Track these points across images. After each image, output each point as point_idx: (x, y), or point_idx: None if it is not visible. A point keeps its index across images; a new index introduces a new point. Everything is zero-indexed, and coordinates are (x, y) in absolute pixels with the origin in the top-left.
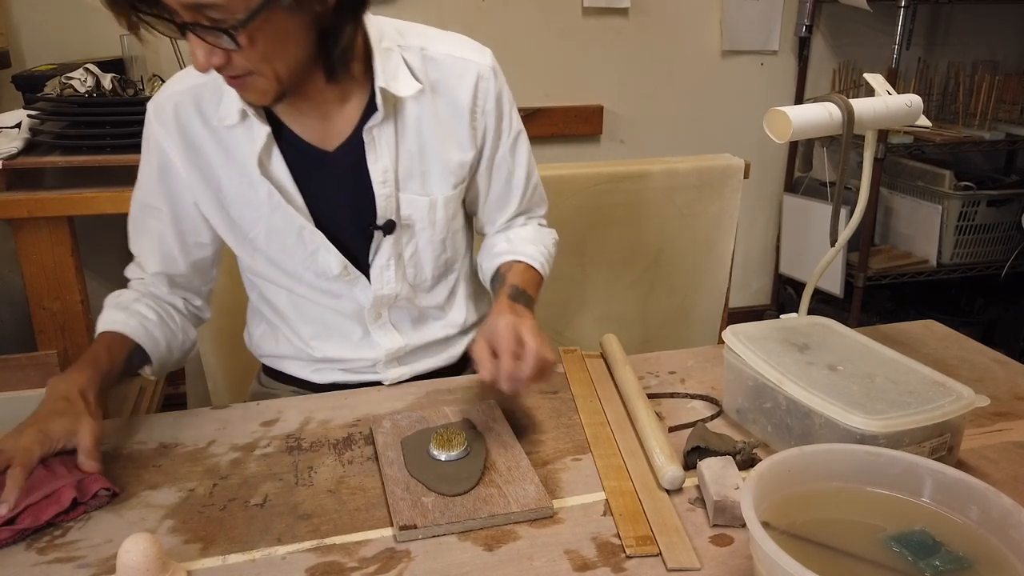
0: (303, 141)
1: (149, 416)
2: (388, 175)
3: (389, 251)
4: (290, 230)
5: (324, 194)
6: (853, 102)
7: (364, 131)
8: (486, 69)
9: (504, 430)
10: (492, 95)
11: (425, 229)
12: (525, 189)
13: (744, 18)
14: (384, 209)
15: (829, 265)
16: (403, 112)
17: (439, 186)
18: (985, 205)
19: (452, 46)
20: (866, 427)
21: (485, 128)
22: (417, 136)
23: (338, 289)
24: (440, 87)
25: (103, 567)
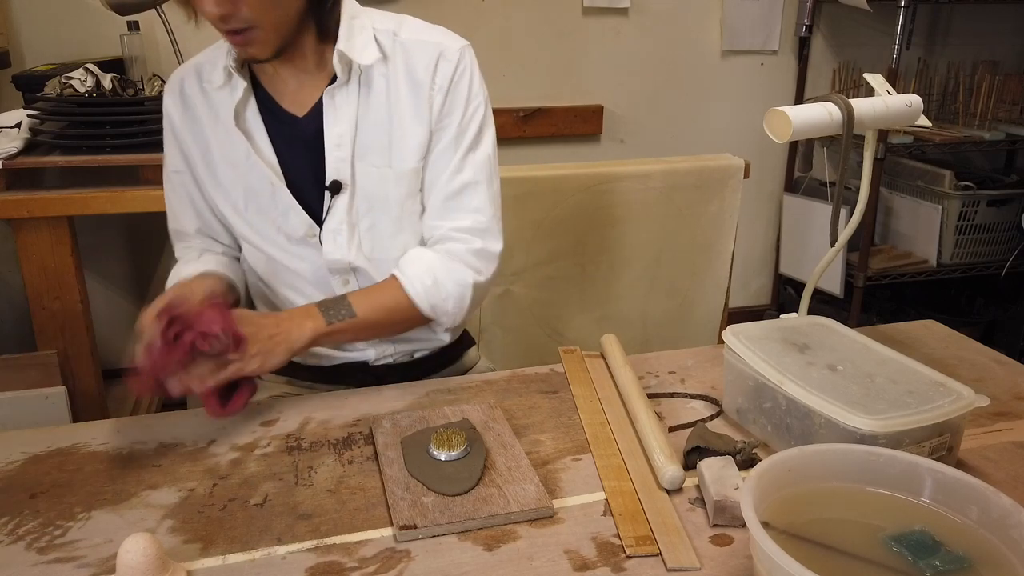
0: (278, 105)
1: (149, 416)
2: (343, 139)
3: (342, 216)
4: (263, 188)
5: (292, 156)
6: (853, 102)
7: (324, 93)
8: (451, 51)
9: (504, 430)
10: (448, 74)
11: (381, 202)
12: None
13: (744, 18)
14: (334, 171)
15: (829, 265)
16: (370, 83)
17: (398, 160)
18: (985, 205)
19: (426, 32)
20: (866, 427)
21: (440, 107)
22: (384, 108)
23: (305, 253)
24: (406, 65)
25: (103, 567)
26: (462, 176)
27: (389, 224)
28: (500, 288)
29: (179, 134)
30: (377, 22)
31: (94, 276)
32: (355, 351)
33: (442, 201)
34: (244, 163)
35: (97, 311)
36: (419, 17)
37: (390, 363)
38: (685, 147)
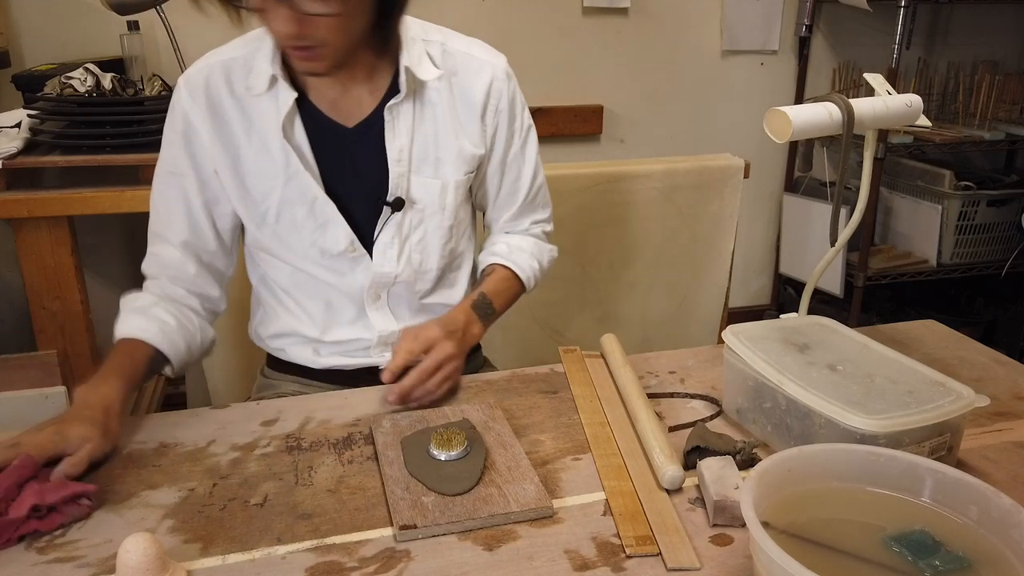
0: (324, 115)
1: (149, 416)
2: (403, 155)
3: (394, 230)
4: (303, 201)
5: (339, 168)
6: (853, 102)
7: (386, 109)
8: (500, 71)
9: (504, 430)
10: (505, 97)
11: (435, 214)
12: (530, 188)
13: (744, 18)
14: (395, 187)
15: (829, 265)
16: (423, 97)
17: (451, 171)
18: (985, 205)
19: (470, 46)
20: (866, 427)
21: (496, 128)
22: (433, 122)
23: (341, 266)
24: (457, 80)
25: (103, 567)
26: (536, 180)
27: (441, 234)
28: None
29: (195, 136)
30: (423, 33)
31: (94, 276)
32: (370, 358)
33: (524, 205)
34: (283, 175)
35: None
36: (419, 17)
37: None
38: (685, 147)
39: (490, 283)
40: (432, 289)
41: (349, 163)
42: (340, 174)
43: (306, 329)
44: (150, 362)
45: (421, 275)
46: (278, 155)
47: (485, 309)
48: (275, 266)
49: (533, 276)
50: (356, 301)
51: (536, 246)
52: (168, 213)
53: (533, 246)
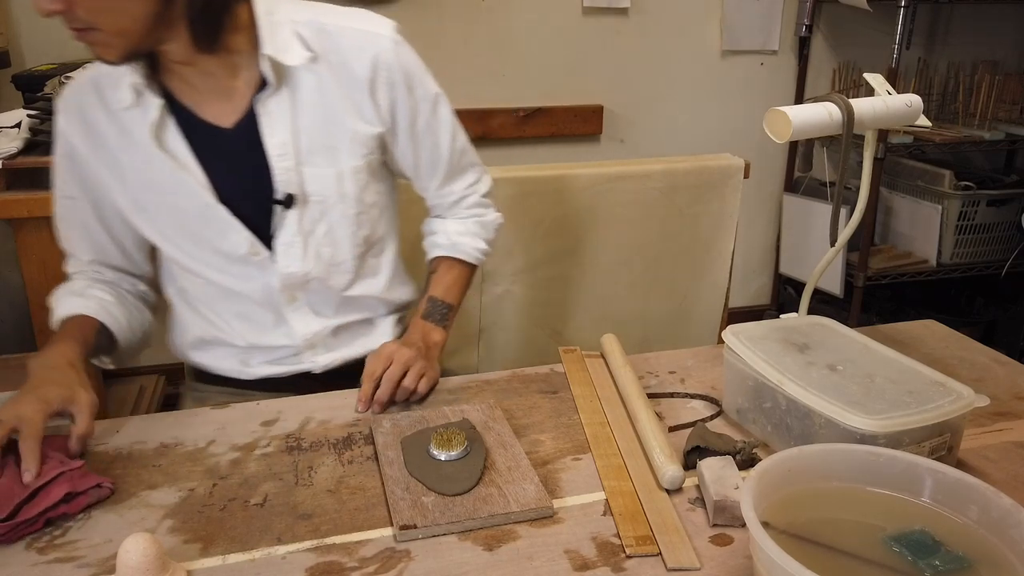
0: (199, 118)
1: (149, 416)
2: (286, 148)
3: (295, 228)
4: (194, 209)
5: (225, 171)
6: (853, 102)
7: (256, 103)
8: (385, 40)
9: (504, 430)
10: (396, 67)
11: (336, 204)
12: (451, 154)
13: (744, 18)
14: (284, 184)
15: (829, 265)
16: (299, 85)
17: (346, 157)
18: (985, 205)
19: (349, 18)
20: (866, 427)
21: (394, 102)
22: (319, 109)
23: (248, 272)
24: (336, 58)
25: (103, 567)
26: (456, 144)
27: (348, 224)
28: (500, 288)
29: (80, 159)
30: (294, 14)
31: None
32: (302, 364)
33: (450, 172)
34: (169, 185)
35: None
36: (419, 17)
37: (336, 368)
38: (685, 147)
39: (437, 283)
40: (352, 282)
41: (233, 165)
42: (227, 177)
43: (229, 339)
44: (96, 335)
45: (335, 268)
46: (160, 166)
47: (439, 313)
48: (187, 279)
49: (482, 254)
50: (272, 306)
51: (478, 226)
52: (70, 236)
53: (476, 227)
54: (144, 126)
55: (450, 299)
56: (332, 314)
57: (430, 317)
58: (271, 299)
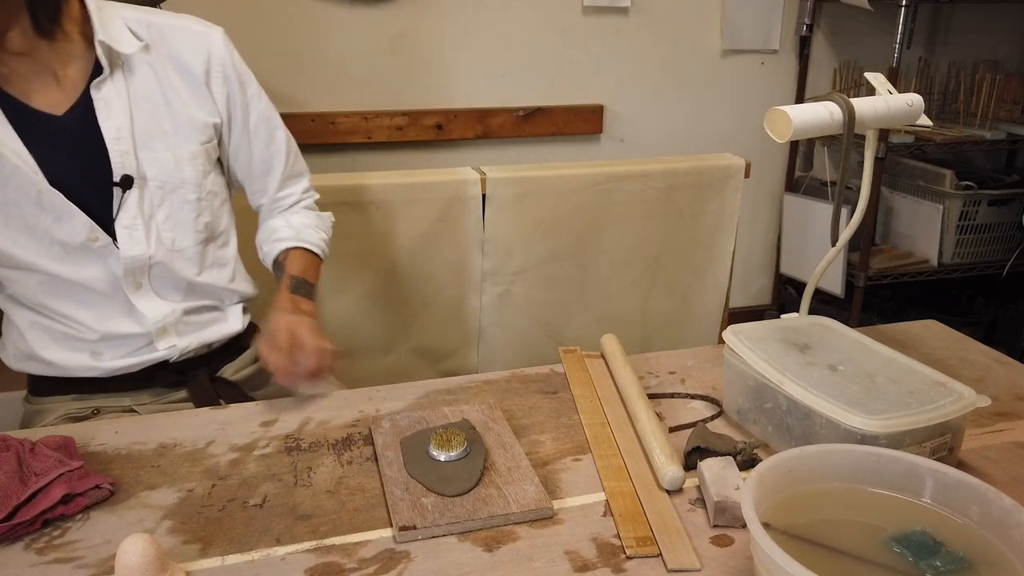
0: (29, 107)
1: (148, 416)
2: (122, 132)
3: (135, 210)
4: (26, 199)
5: (58, 159)
6: (854, 101)
7: (91, 88)
8: (217, 39)
9: (504, 430)
10: (229, 64)
11: (176, 188)
12: (288, 154)
13: (744, 17)
14: (121, 166)
15: (830, 265)
16: (133, 72)
17: (183, 142)
18: (986, 205)
19: (179, 19)
20: (867, 427)
21: (228, 96)
22: (155, 96)
23: (87, 259)
24: (168, 50)
25: (102, 567)
26: (291, 144)
27: (189, 208)
28: (500, 288)
29: None
30: (123, 11)
31: None
32: (154, 353)
33: (287, 172)
34: (1, 176)
35: None
36: (419, 17)
37: (191, 357)
38: (685, 147)
39: (293, 265)
40: (199, 271)
41: (67, 150)
42: (61, 164)
43: (77, 333)
44: None
45: (178, 254)
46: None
47: (304, 288)
48: (22, 279)
49: (326, 245)
50: (117, 294)
51: (318, 219)
52: None
53: (316, 219)
54: None
55: (310, 278)
56: (180, 299)
57: (297, 291)
58: (115, 286)
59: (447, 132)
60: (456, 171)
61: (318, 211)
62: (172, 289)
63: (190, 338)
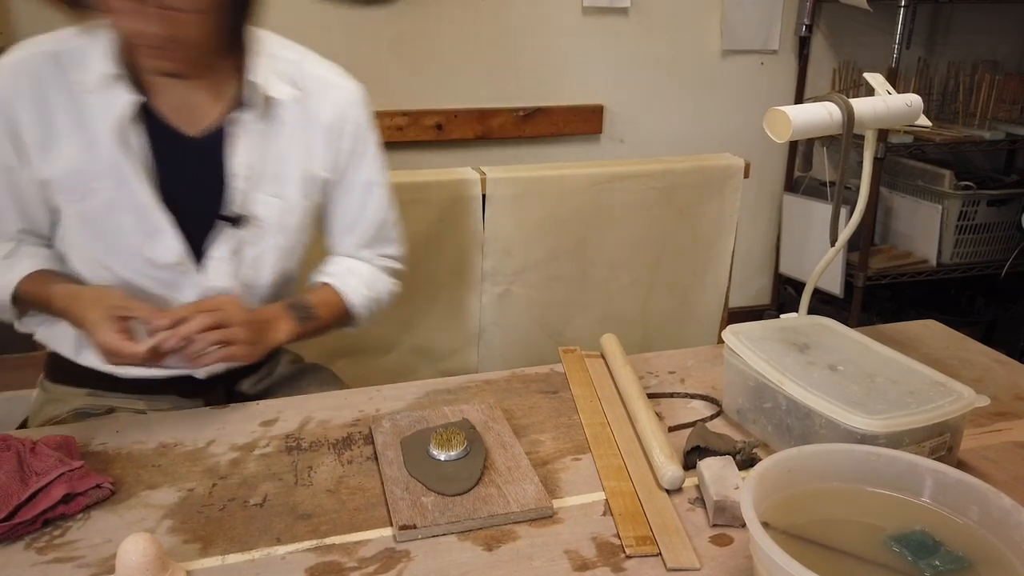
0: (164, 121)
1: (148, 416)
2: (247, 170)
3: (229, 245)
4: (131, 207)
5: (176, 177)
6: (853, 102)
7: (228, 120)
8: (356, 96)
9: (504, 430)
10: (355, 121)
11: (274, 233)
12: (380, 220)
13: (744, 17)
14: (235, 203)
15: (829, 265)
16: (273, 115)
17: (294, 193)
18: (985, 205)
19: (327, 70)
20: (866, 427)
21: (345, 152)
22: (281, 141)
23: (166, 278)
24: (310, 102)
25: (102, 567)
26: (387, 215)
27: (277, 255)
28: (500, 288)
29: (17, 126)
30: (279, 50)
31: None
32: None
33: (374, 234)
34: (112, 178)
35: None
36: (419, 17)
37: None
38: (685, 147)
39: (315, 294)
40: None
41: (188, 173)
42: (176, 183)
43: None
44: None
45: (249, 292)
46: (107, 156)
47: (303, 311)
48: (89, 270)
49: (361, 303)
50: None
51: (373, 275)
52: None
53: (370, 274)
54: (103, 114)
55: (320, 312)
56: None
57: (292, 309)
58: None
59: (447, 132)
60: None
61: (392, 275)
62: None
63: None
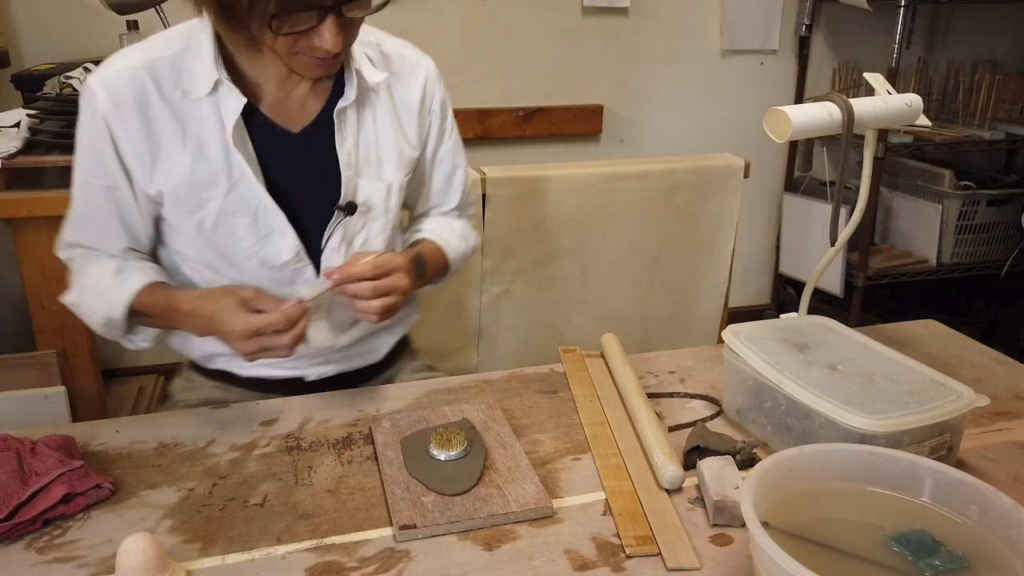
0: (269, 120)
1: (149, 416)
2: (351, 158)
3: (341, 235)
4: (245, 210)
5: (286, 175)
6: (853, 101)
7: (336, 112)
8: (432, 72)
9: (504, 430)
10: (438, 96)
11: (379, 216)
12: (465, 187)
13: (744, 17)
14: (346, 191)
15: (829, 265)
16: (365, 100)
17: (392, 173)
18: (985, 205)
19: (403, 47)
20: (866, 427)
21: (430, 126)
22: (375, 125)
23: (282, 278)
24: (395, 81)
25: (102, 567)
26: (468, 179)
27: (384, 237)
28: (500, 288)
29: (120, 143)
30: (364, 35)
31: None
32: (294, 368)
33: (460, 202)
34: (224, 183)
35: None
36: (419, 17)
37: (328, 377)
38: (685, 147)
39: (425, 247)
40: None
41: (296, 169)
42: (286, 181)
43: None
44: None
45: None
46: (218, 162)
47: (421, 267)
48: (208, 279)
49: (459, 256)
50: None
51: (465, 229)
52: (101, 228)
53: (463, 228)
54: (211, 121)
55: (429, 268)
56: (347, 327)
57: (415, 264)
58: None
59: None
60: None
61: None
62: (342, 316)
63: (337, 366)
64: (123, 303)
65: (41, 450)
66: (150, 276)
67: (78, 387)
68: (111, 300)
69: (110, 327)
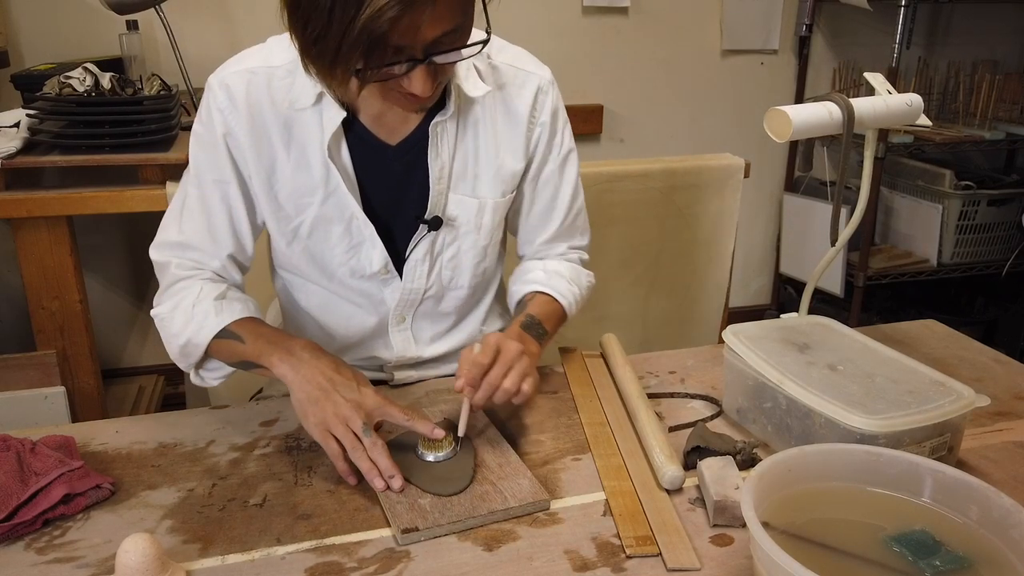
0: (368, 132)
1: (149, 416)
2: (444, 172)
3: (427, 247)
4: (339, 219)
5: (379, 187)
6: (853, 101)
7: (431, 126)
8: (546, 82)
9: (486, 427)
10: (548, 108)
11: (470, 233)
12: (568, 210)
13: (744, 17)
14: (434, 205)
15: (829, 265)
16: (467, 113)
17: (489, 191)
18: (985, 204)
19: (515, 57)
20: (866, 427)
21: (538, 140)
22: (475, 139)
23: (370, 288)
24: (502, 94)
25: (102, 567)
26: (576, 203)
27: (474, 254)
28: None
29: (236, 142)
30: None
31: (93, 276)
32: (381, 373)
33: (561, 229)
34: (322, 191)
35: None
36: None
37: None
38: (685, 147)
39: (534, 306)
40: (459, 308)
41: (390, 181)
42: (379, 192)
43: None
44: None
45: (450, 292)
46: (318, 171)
47: (536, 329)
48: (299, 286)
49: (574, 301)
50: (380, 322)
51: (573, 270)
52: (212, 226)
53: (570, 270)
54: (314, 130)
55: (547, 325)
56: (428, 340)
57: (529, 330)
58: (382, 317)
59: None
60: None
61: (580, 267)
62: (429, 328)
63: (413, 372)
64: (214, 328)
65: (41, 450)
66: (250, 309)
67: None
68: (202, 322)
69: (187, 350)
